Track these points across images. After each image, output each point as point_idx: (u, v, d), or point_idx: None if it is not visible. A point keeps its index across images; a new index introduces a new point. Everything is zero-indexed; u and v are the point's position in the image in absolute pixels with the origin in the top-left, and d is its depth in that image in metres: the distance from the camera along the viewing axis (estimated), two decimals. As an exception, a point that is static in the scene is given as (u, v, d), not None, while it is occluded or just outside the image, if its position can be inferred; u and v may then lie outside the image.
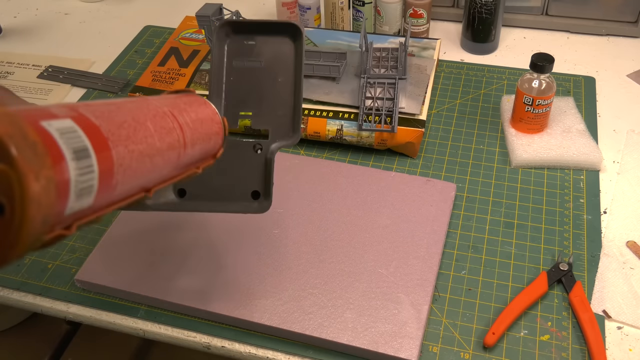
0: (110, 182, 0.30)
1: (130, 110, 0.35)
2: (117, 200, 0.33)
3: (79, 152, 0.27)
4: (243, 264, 0.67)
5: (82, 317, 0.67)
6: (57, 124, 0.27)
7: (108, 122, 0.31)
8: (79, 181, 0.27)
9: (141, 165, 0.33)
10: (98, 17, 1.18)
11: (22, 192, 0.23)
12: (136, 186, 0.34)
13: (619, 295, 0.65)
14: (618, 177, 0.79)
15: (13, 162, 0.23)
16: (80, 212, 0.29)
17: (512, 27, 1.08)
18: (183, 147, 0.39)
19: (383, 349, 0.59)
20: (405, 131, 0.80)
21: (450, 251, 0.71)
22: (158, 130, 0.36)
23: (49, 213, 0.25)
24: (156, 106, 0.38)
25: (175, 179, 0.41)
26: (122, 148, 0.31)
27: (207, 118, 0.45)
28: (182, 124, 0.40)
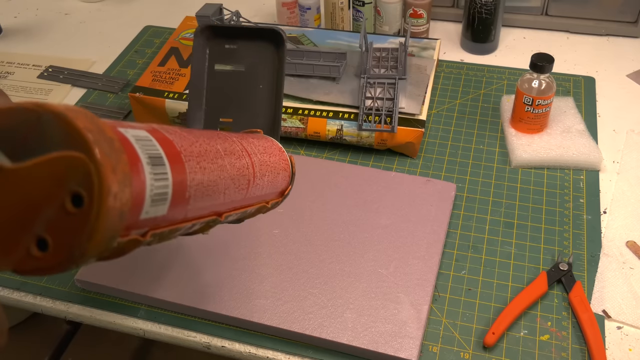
0: (183, 194, 0.30)
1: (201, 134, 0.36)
2: (190, 218, 0.33)
3: (154, 158, 0.28)
4: (243, 264, 0.67)
5: (82, 317, 0.67)
6: (133, 132, 0.28)
7: (181, 139, 0.32)
8: (153, 186, 0.28)
9: (214, 184, 0.34)
10: (98, 17, 1.18)
11: (100, 183, 0.24)
12: (209, 206, 0.35)
13: (619, 295, 0.65)
14: (618, 177, 0.79)
15: (92, 153, 0.24)
16: (155, 220, 0.29)
17: (512, 27, 1.08)
18: (252, 176, 0.40)
19: (383, 348, 0.59)
20: (405, 131, 0.80)
21: (450, 251, 0.71)
22: (228, 154, 0.37)
23: (125, 209, 0.25)
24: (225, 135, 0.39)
25: (244, 209, 0.41)
26: (194, 163, 0.32)
27: (274, 153, 0.46)
28: (251, 153, 0.41)
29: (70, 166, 0.24)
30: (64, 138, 0.24)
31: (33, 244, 0.25)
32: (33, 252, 0.25)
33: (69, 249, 0.24)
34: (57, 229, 0.24)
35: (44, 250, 0.25)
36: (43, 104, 0.25)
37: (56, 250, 0.25)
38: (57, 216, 0.24)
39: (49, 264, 0.25)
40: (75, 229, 0.24)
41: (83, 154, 0.24)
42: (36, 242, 0.25)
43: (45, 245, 0.25)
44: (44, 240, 0.25)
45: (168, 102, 0.86)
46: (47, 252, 0.25)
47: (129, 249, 0.28)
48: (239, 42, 0.55)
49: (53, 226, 0.24)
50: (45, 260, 0.25)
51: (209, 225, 0.36)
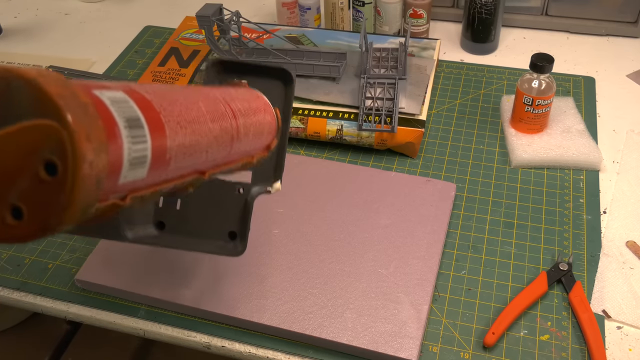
0: (164, 155, 0.30)
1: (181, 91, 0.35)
2: (172, 178, 0.33)
3: (131, 120, 0.27)
4: (243, 264, 0.67)
5: (82, 317, 0.67)
6: (109, 94, 0.27)
7: (160, 98, 0.31)
8: (131, 150, 0.27)
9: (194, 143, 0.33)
10: (98, 17, 1.18)
11: (74, 150, 0.23)
12: (190, 166, 0.34)
13: (619, 295, 0.65)
14: (618, 177, 0.79)
15: (64, 120, 0.23)
16: (134, 184, 0.29)
17: (512, 27, 1.08)
18: (236, 132, 0.39)
19: (383, 348, 0.59)
20: (405, 131, 0.80)
21: (450, 251, 0.71)
22: (210, 112, 0.36)
23: (102, 176, 0.25)
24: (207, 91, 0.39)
25: (230, 165, 0.41)
26: (174, 123, 0.31)
27: (259, 107, 0.45)
28: (235, 110, 0.40)
29: (43, 134, 0.23)
30: (36, 104, 0.24)
31: (7, 212, 0.25)
32: (8, 221, 0.25)
33: (45, 217, 0.24)
34: (31, 198, 0.24)
35: (18, 218, 0.25)
36: (12, 68, 0.24)
37: (31, 219, 0.25)
38: (31, 185, 0.24)
39: (25, 232, 0.25)
40: (50, 198, 0.24)
41: (55, 121, 0.23)
42: (11, 211, 0.25)
43: (20, 214, 0.25)
44: (18, 209, 0.25)
45: (168, 102, 0.86)
46: (22, 221, 0.25)
47: (109, 213, 0.28)
48: (249, 77, 0.55)
49: (27, 195, 0.24)
50: (20, 228, 0.25)
51: (191, 184, 0.36)
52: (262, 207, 0.72)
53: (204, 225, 0.54)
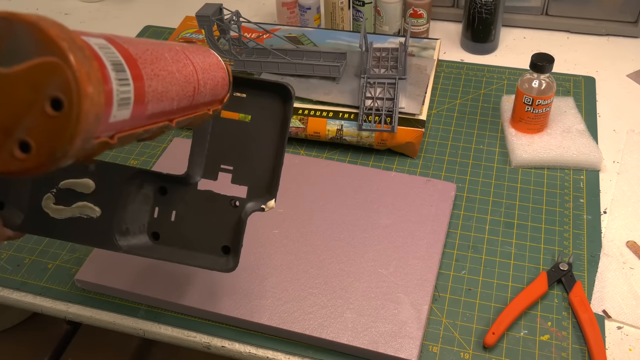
0: (142, 98, 0.32)
1: (149, 42, 0.38)
2: (147, 123, 0.35)
3: (116, 64, 0.30)
4: (243, 264, 0.67)
5: (82, 317, 0.67)
6: (95, 40, 0.29)
7: (134, 47, 0.34)
8: (119, 91, 0.29)
9: (165, 90, 0.36)
10: (98, 17, 1.18)
11: (78, 87, 0.25)
12: (162, 111, 0.36)
13: (619, 295, 0.65)
14: (618, 177, 0.79)
15: (68, 60, 0.25)
16: (120, 125, 0.31)
17: (512, 27, 1.08)
18: (197, 82, 0.42)
19: (383, 348, 0.59)
20: (405, 131, 0.80)
21: (450, 251, 0.71)
22: (175, 62, 0.39)
23: (99, 112, 0.27)
24: (169, 44, 0.41)
25: (191, 115, 0.43)
26: (149, 70, 0.34)
27: (213, 62, 0.47)
28: (194, 62, 0.42)
29: (49, 72, 0.25)
30: (38, 46, 0.26)
31: (16, 147, 0.27)
32: (16, 155, 0.27)
33: (51, 150, 0.26)
34: (38, 132, 0.26)
35: (26, 152, 0.27)
36: (15, 13, 0.26)
37: (39, 152, 0.26)
38: (37, 120, 0.26)
39: (32, 164, 0.27)
40: (56, 132, 0.26)
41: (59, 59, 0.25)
42: (19, 145, 0.27)
43: (28, 148, 0.27)
44: (26, 143, 0.26)
45: (168, 102, 0.86)
46: (30, 154, 0.27)
47: (100, 151, 0.30)
48: (248, 91, 0.55)
49: (34, 130, 0.26)
50: (28, 161, 0.27)
51: (161, 130, 0.38)
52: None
53: (198, 237, 0.54)
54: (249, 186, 0.54)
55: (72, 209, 0.53)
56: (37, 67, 0.25)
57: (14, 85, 0.26)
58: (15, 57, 0.26)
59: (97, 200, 0.53)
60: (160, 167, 0.80)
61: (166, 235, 0.55)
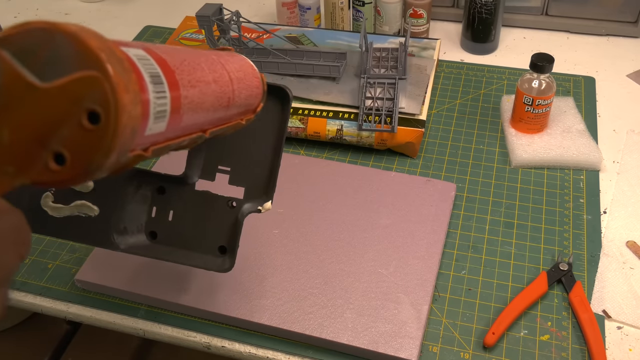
0: (178, 110, 0.32)
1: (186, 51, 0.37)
2: (182, 135, 0.35)
3: (154, 77, 0.30)
4: (243, 264, 0.67)
5: (82, 317, 0.67)
6: (134, 51, 0.29)
7: (172, 57, 0.33)
8: (156, 104, 0.29)
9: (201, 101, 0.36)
10: (98, 17, 1.18)
11: (116, 101, 0.25)
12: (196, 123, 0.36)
13: (619, 295, 0.65)
14: (618, 177, 0.79)
15: (107, 73, 0.25)
16: (155, 137, 0.31)
17: (512, 27, 1.08)
18: (232, 92, 0.41)
19: (383, 348, 0.59)
20: (405, 131, 0.80)
21: (450, 251, 0.71)
22: (211, 72, 0.38)
23: (136, 126, 0.27)
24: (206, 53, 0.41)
25: (224, 125, 0.43)
26: (186, 81, 0.33)
27: (249, 71, 0.47)
28: (230, 71, 0.42)
29: (87, 86, 0.25)
30: (77, 57, 0.26)
31: (51, 158, 0.27)
32: (51, 166, 0.27)
33: (86, 163, 0.26)
34: (74, 145, 0.26)
35: (61, 164, 0.27)
36: (57, 23, 0.26)
37: (73, 164, 0.26)
38: (73, 133, 0.26)
39: (66, 176, 0.27)
40: (92, 145, 0.26)
41: (99, 72, 0.25)
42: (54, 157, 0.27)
43: (63, 160, 0.26)
44: (61, 155, 0.26)
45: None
46: (65, 166, 0.27)
47: (134, 164, 0.30)
48: None
49: (70, 142, 0.26)
50: (62, 173, 0.27)
51: (195, 141, 0.38)
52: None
53: (195, 237, 0.54)
54: (246, 187, 0.54)
55: (71, 208, 0.53)
56: (77, 81, 0.25)
57: (53, 97, 0.26)
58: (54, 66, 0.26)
59: (96, 199, 0.53)
60: (159, 167, 0.80)
61: (164, 234, 0.55)
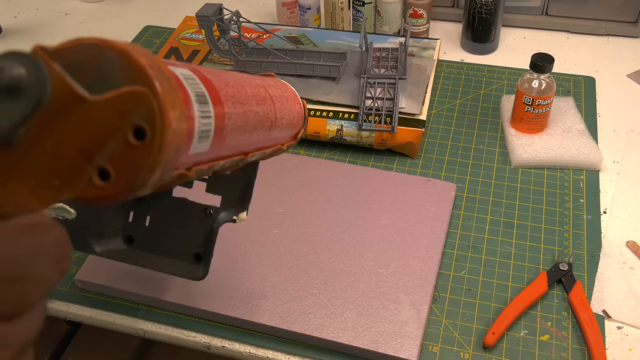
0: (222, 131, 0.32)
1: (231, 74, 0.38)
2: (224, 156, 0.35)
3: (200, 96, 0.30)
4: (243, 264, 0.67)
5: (82, 317, 0.67)
6: (180, 70, 0.30)
7: (217, 79, 0.34)
8: (201, 123, 0.29)
9: (244, 123, 0.36)
10: (98, 17, 1.18)
11: (162, 117, 0.25)
12: (239, 145, 0.36)
13: (619, 295, 0.65)
14: (618, 177, 0.79)
15: (155, 90, 0.25)
16: (198, 157, 0.31)
17: (512, 27, 1.08)
18: (274, 117, 0.42)
19: (383, 349, 0.59)
20: (405, 131, 0.80)
21: (450, 251, 0.71)
22: (255, 95, 0.39)
23: (181, 144, 0.27)
24: (249, 77, 0.41)
25: (266, 149, 0.43)
26: (230, 103, 0.34)
27: (290, 97, 0.47)
28: (272, 96, 0.42)
29: (134, 101, 0.25)
30: (126, 73, 0.26)
31: (95, 174, 0.26)
32: (95, 182, 0.26)
33: (130, 179, 0.26)
34: (119, 161, 0.26)
35: (105, 179, 0.26)
36: (107, 40, 0.26)
37: (117, 181, 0.26)
38: (119, 148, 0.26)
39: (110, 192, 0.26)
40: (137, 161, 0.26)
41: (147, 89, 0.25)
42: (98, 173, 0.26)
43: (107, 175, 0.26)
44: (105, 171, 0.26)
45: (168, 102, 0.86)
46: (109, 182, 0.26)
47: (177, 182, 0.30)
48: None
49: (115, 158, 0.26)
50: (106, 189, 0.26)
51: (236, 164, 0.38)
52: (262, 207, 0.72)
53: (172, 243, 0.54)
54: (222, 196, 0.54)
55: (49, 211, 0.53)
56: (125, 95, 0.25)
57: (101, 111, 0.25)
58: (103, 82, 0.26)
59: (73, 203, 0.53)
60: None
61: (140, 240, 0.54)
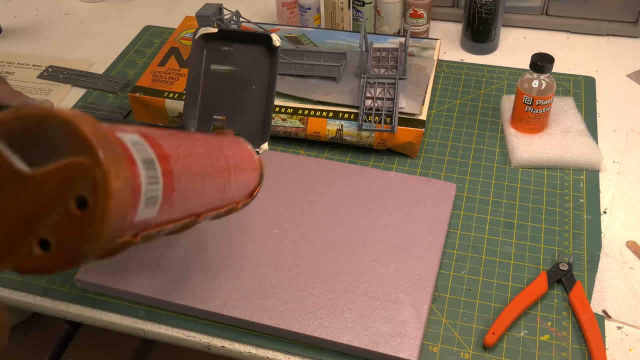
0: (171, 196, 0.31)
1: (183, 136, 0.37)
2: (173, 220, 0.34)
3: (147, 162, 0.29)
4: (243, 264, 0.67)
5: (82, 317, 0.67)
6: (129, 136, 0.29)
7: (168, 142, 0.33)
8: (147, 189, 0.28)
9: (195, 185, 0.35)
10: (98, 17, 1.18)
11: (106, 187, 0.25)
12: (189, 208, 0.35)
13: (619, 295, 0.65)
14: (618, 177, 0.79)
15: (98, 159, 0.25)
16: (145, 223, 0.30)
17: (512, 27, 1.08)
18: (228, 177, 0.41)
19: (383, 349, 0.59)
20: (405, 131, 0.80)
21: (450, 251, 0.71)
22: (208, 156, 0.38)
23: (125, 213, 0.26)
24: (204, 138, 0.40)
25: (218, 210, 0.42)
26: (180, 166, 0.33)
27: (246, 155, 0.47)
28: (228, 156, 0.42)
29: (77, 171, 0.25)
30: (70, 142, 0.25)
31: (36, 244, 0.25)
32: (35, 252, 0.25)
33: (71, 249, 0.25)
34: (60, 230, 0.25)
35: (46, 250, 0.25)
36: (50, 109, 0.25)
37: (58, 251, 0.25)
38: (60, 218, 0.25)
39: (50, 263, 0.25)
40: (79, 231, 0.25)
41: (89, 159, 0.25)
42: (39, 243, 0.25)
43: (48, 246, 0.25)
44: (46, 241, 0.25)
45: (168, 102, 0.86)
46: (49, 253, 0.25)
47: (122, 250, 0.29)
48: (235, 45, 0.57)
49: (56, 227, 0.25)
50: (46, 260, 0.25)
51: (187, 226, 0.37)
52: (262, 207, 0.72)
53: None
54: (242, 133, 0.56)
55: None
56: (66, 167, 0.25)
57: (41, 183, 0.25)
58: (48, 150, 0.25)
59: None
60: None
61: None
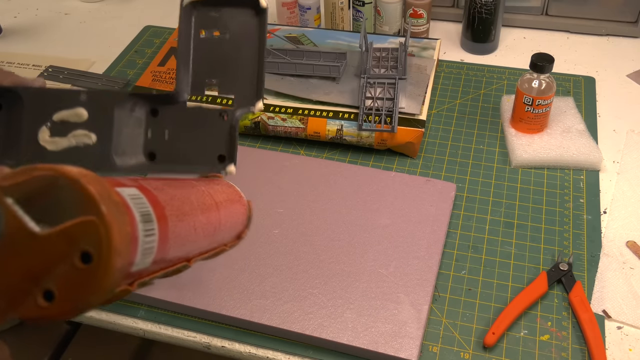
0: (165, 246, 0.33)
1: (177, 186, 0.39)
2: (166, 267, 0.36)
3: (145, 215, 0.31)
4: (243, 264, 0.67)
5: (82, 317, 0.67)
6: (128, 191, 0.31)
7: (163, 193, 0.35)
8: (144, 242, 0.30)
9: (188, 234, 0.37)
10: (98, 17, 1.18)
11: (109, 244, 0.26)
12: (182, 254, 0.37)
13: (619, 295, 0.65)
14: (618, 177, 0.79)
15: (102, 217, 0.26)
16: (140, 272, 0.32)
17: (512, 27, 1.08)
18: (218, 223, 0.43)
19: (383, 349, 0.59)
20: (405, 131, 0.80)
21: (450, 251, 0.71)
22: (200, 205, 0.40)
23: (125, 265, 0.28)
24: (196, 184, 0.42)
25: (208, 253, 0.44)
26: (174, 217, 0.35)
27: (236, 199, 0.49)
28: (217, 202, 0.44)
29: (84, 229, 0.27)
30: (78, 201, 0.27)
31: (40, 295, 0.27)
32: (40, 303, 0.27)
33: (74, 300, 0.27)
34: (64, 283, 0.27)
35: (49, 301, 0.27)
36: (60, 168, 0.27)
37: (61, 302, 0.27)
38: (65, 271, 0.27)
39: (53, 313, 0.28)
40: (82, 283, 0.27)
41: (95, 217, 0.26)
42: (43, 294, 0.27)
43: (52, 297, 0.27)
44: (50, 292, 0.27)
45: (168, 102, 0.86)
46: (53, 303, 0.27)
47: (119, 298, 0.31)
48: (223, 9, 0.59)
49: (60, 280, 0.27)
50: (50, 309, 0.27)
51: (179, 270, 0.39)
52: (262, 207, 0.72)
53: (194, 151, 0.56)
54: (235, 95, 0.57)
55: (69, 139, 0.54)
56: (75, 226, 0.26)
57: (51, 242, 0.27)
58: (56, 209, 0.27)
59: (92, 128, 0.54)
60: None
61: (162, 154, 0.56)
